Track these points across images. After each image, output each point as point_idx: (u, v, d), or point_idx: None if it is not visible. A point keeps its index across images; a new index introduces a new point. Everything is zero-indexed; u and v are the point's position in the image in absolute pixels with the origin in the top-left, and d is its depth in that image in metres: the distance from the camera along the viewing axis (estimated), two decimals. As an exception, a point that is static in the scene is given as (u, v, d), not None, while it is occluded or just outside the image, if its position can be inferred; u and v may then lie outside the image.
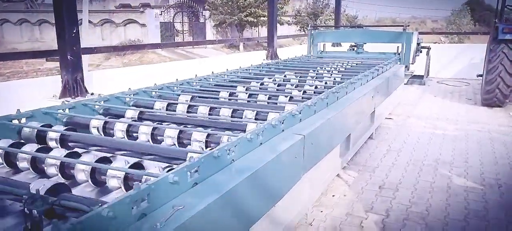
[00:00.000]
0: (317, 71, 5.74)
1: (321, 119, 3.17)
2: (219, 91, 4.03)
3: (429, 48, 10.06)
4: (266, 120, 3.03)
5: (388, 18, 56.61)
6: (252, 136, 2.30)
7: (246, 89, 4.23)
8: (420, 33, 10.61)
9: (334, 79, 4.95)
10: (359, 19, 39.67)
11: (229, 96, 3.94)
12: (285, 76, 5.14)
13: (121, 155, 2.39)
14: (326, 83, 4.62)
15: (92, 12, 24.15)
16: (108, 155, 2.32)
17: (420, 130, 6.26)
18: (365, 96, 4.56)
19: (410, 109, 7.70)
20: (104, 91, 4.14)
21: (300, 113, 3.03)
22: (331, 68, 6.20)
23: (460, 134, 5.98)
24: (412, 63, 8.05)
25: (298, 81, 4.91)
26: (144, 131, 2.68)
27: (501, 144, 5.49)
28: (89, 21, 24.53)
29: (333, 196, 3.83)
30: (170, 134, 2.59)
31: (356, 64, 6.81)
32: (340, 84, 4.13)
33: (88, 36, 26.56)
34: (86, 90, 4.25)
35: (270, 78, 4.90)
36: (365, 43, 8.21)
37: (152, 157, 2.29)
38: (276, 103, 3.69)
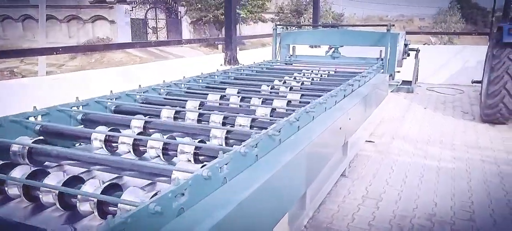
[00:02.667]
0: (273, 86, 4.29)
1: (234, 201, 1.73)
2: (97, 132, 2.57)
3: (417, 51, 8.70)
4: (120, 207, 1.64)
5: (376, 16, 55.52)
6: None
7: (145, 125, 2.76)
8: (407, 33, 9.26)
9: (290, 102, 3.50)
10: (346, 17, 38.40)
11: (107, 144, 2.46)
12: (222, 97, 3.68)
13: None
14: (273, 111, 3.18)
15: (57, 7, 22.42)
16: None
17: (408, 159, 4.87)
18: (331, 128, 3.15)
19: (395, 127, 6.32)
20: None
21: (182, 194, 1.59)
22: (293, 80, 4.77)
23: (459, 167, 4.60)
24: (398, 71, 6.66)
25: (238, 106, 3.48)
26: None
27: (514, 184, 4.13)
28: (54, 17, 22.93)
29: None
30: None
31: (328, 74, 5.38)
32: (289, 118, 2.68)
33: (55, 33, 24.52)
34: None
35: (198, 100, 3.44)
36: (342, 46, 6.80)
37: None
38: (171, 159, 2.29)
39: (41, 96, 4.68)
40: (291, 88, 4.20)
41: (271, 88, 4.24)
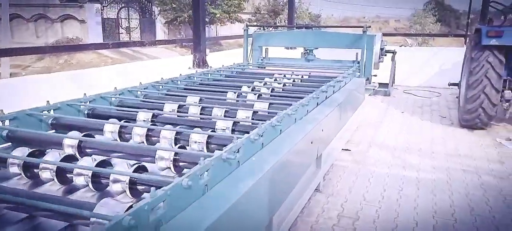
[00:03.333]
0: (240, 93, 3.90)
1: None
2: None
3: (394, 53, 8.48)
4: None
5: (353, 17, 55.83)
6: None
7: (80, 143, 2.32)
8: (383, 34, 9.06)
9: (256, 112, 3.12)
10: (323, 18, 38.39)
11: (27, 170, 2.02)
12: (181, 107, 3.27)
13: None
14: (236, 124, 2.79)
15: (23, 6, 21.41)
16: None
17: (386, 170, 4.57)
18: (301, 143, 2.79)
19: (372, 133, 6.03)
20: None
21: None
22: (263, 86, 4.40)
23: (439, 178, 4.33)
24: (374, 75, 6.39)
25: (198, 119, 3.10)
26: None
27: (498, 197, 3.86)
28: (20, 16, 21.87)
29: None
30: None
31: (301, 79, 5.04)
32: (251, 134, 2.30)
33: (22, 33, 23.31)
34: None
35: (151, 112, 3.02)
36: (317, 48, 6.48)
37: None
38: (104, 188, 1.89)
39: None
40: (259, 96, 3.82)
41: (237, 96, 3.86)
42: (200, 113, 3.19)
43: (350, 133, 5.64)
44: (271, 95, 4.03)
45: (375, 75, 6.43)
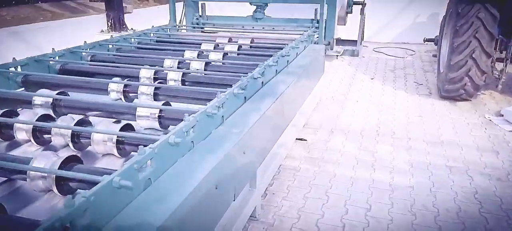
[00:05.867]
0: (132, 84, 2.57)
1: None
2: None
3: (363, 5, 7.21)
4: None
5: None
6: None
7: None
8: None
9: (122, 138, 1.83)
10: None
11: None
12: (38, 117, 1.94)
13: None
14: (74, 160, 1.51)
15: None
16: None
17: (350, 172, 3.43)
18: (204, 185, 1.55)
19: (336, 113, 4.85)
20: None
21: None
22: (177, 65, 3.08)
23: (419, 184, 3.22)
24: (336, 40, 5.15)
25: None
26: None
27: (499, 214, 2.81)
28: None
29: None
30: None
31: (238, 49, 3.73)
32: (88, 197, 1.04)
33: None
34: None
35: None
36: (266, 4, 5.10)
37: None
38: None
39: None
40: (156, 91, 2.51)
41: (125, 88, 2.55)
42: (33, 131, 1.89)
43: (307, 114, 4.44)
44: (183, 82, 2.75)
45: (338, 38, 5.19)
